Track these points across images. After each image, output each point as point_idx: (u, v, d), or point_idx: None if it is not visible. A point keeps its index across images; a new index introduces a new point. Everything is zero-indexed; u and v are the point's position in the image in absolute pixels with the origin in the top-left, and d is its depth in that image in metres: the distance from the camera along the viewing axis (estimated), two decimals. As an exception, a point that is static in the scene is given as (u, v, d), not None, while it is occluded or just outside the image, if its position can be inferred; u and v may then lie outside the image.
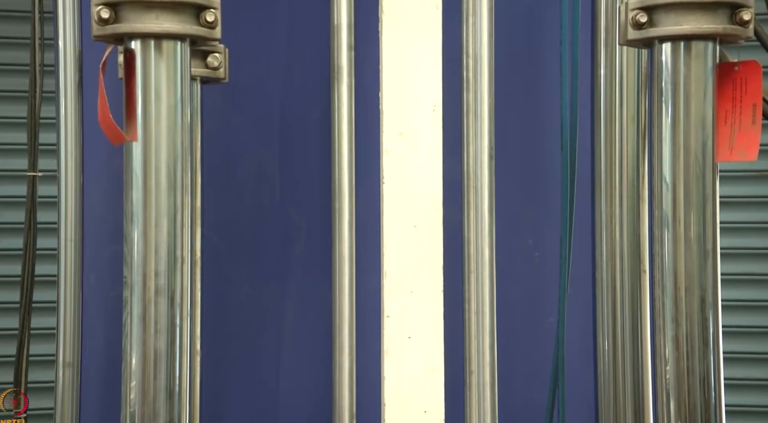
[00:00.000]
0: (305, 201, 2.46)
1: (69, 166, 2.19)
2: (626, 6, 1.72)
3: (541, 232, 2.47)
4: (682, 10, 1.66)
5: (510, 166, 2.40)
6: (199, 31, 1.70)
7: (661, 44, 1.70)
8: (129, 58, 1.69)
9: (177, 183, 1.70)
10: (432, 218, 2.03)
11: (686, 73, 1.68)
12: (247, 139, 2.47)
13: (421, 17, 2.05)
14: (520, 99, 2.46)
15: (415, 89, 2.04)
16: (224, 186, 2.45)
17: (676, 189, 1.69)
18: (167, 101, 1.69)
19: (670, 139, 1.70)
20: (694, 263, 1.67)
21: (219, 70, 2.19)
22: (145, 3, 1.66)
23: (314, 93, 2.43)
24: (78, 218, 2.20)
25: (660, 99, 1.71)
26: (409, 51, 2.05)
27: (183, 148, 1.71)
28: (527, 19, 2.46)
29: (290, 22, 2.46)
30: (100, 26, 1.67)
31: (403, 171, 2.03)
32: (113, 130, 1.67)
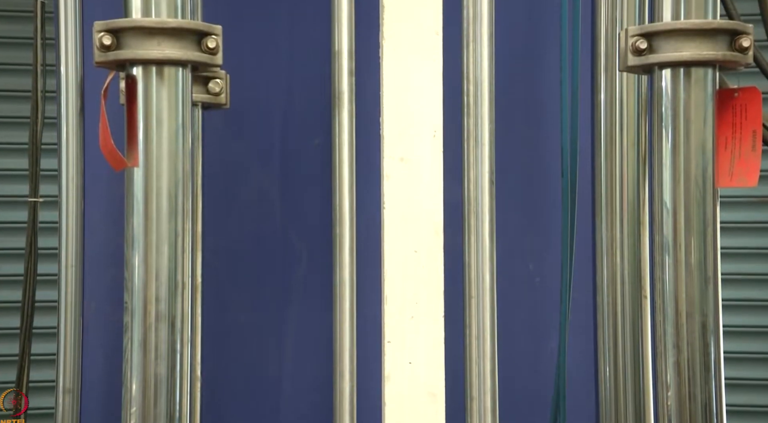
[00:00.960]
0: (306, 226, 2.46)
1: (70, 191, 2.19)
2: (626, 32, 1.72)
3: (541, 256, 2.46)
4: (682, 37, 1.67)
5: (511, 191, 2.40)
6: (200, 57, 1.71)
7: (661, 70, 1.70)
8: (130, 84, 1.69)
9: (178, 208, 1.70)
10: (433, 243, 2.03)
11: (686, 99, 1.69)
12: (248, 165, 2.47)
13: (422, 43, 2.06)
14: (521, 124, 2.46)
15: (416, 115, 2.05)
16: (225, 211, 2.45)
17: (676, 214, 1.69)
18: (168, 127, 1.69)
19: (671, 164, 1.70)
20: (695, 289, 1.67)
21: (220, 96, 2.20)
22: (146, 29, 1.67)
23: (315, 118, 2.43)
24: (79, 244, 2.20)
25: (660, 124, 1.71)
26: (410, 77, 2.05)
27: (184, 173, 1.71)
28: (527, 45, 2.47)
29: (291, 47, 2.47)
30: (101, 52, 1.68)
31: (403, 196, 2.03)
32: (115, 156, 1.67)
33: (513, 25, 2.42)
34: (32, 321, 2.58)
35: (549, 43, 2.39)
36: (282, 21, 2.46)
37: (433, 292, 2.02)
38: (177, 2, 1.70)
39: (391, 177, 2.03)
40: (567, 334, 2.15)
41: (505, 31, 2.29)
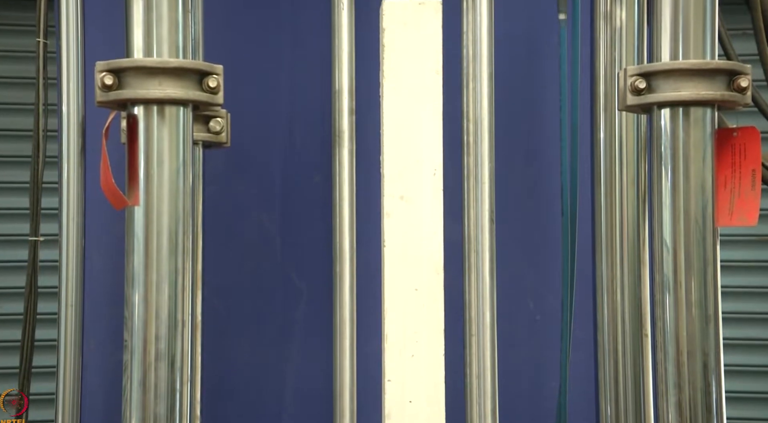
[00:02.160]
0: (306, 264, 2.46)
1: (71, 230, 2.18)
2: (625, 72, 1.73)
3: (542, 295, 2.46)
4: (681, 77, 1.68)
5: (511, 229, 2.40)
6: (201, 96, 1.72)
7: (660, 110, 1.71)
8: (132, 123, 1.70)
9: (178, 247, 1.70)
10: (433, 281, 2.02)
11: (685, 138, 1.69)
12: (248, 203, 2.47)
13: (422, 82, 2.06)
14: (521, 163, 2.47)
15: (416, 153, 2.05)
16: (225, 249, 2.45)
17: (676, 253, 1.69)
18: (169, 166, 1.70)
19: (670, 203, 1.70)
20: (695, 327, 1.66)
21: (221, 135, 2.20)
22: (148, 69, 1.68)
23: (315, 157, 2.44)
24: (79, 282, 2.20)
25: (659, 163, 1.72)
26: (410, 115, 2.06)
27: (185, 212, 1.71)
28: (527, 84, 2.48)
29: (291, 86, 2.48)
30: (103, 92, 1.69)
31: (404, 234, 2.03)
32: (116, 195, 1.67)
33: (512, 64, 2.43)
34: (32, 360, 2.56)
35: (548, 82, 2.40)
36: (283, 60, 2.47)
37: (434, 331, 2.01)
38: (178, 42, 1.71)
39: (392, 215, 2.03)
40: (568, 372, 2.14)
41: (505, 71, 2.30)
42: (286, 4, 2.48)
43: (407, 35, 2.06)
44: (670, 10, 1.70)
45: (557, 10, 2.18)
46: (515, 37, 2.44)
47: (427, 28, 2.06)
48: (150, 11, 1.69)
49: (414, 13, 2.07)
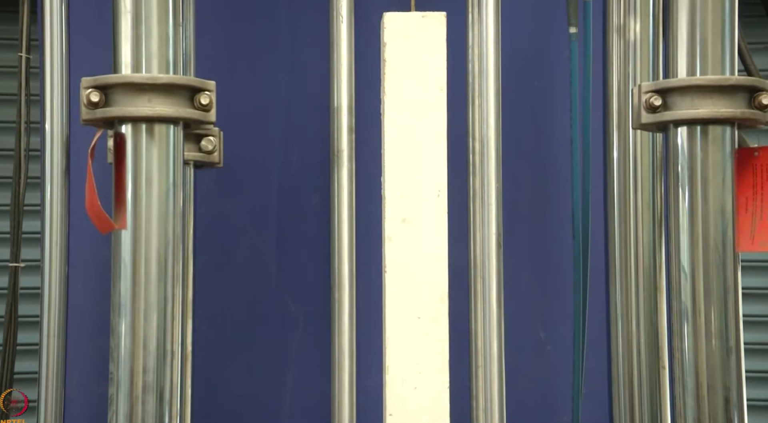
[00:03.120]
0: (303, 290, 2.46)
1: (53, 255, 2.18)
2: (639, 89, 1.73)
3: (552, 324, 2.45)
4: (699, 94, 1.68)
5: (519, 254, 2.40)
6: (193, 114, 1.72)
7: (677, 128, 1.71)
8: (119, 142, 1.69)
9: (168, 273, 1.69)
10: (437, 309, 2.02)
11: (703, 158, 1.69)
12: (242, 226, 2.47)
13: (425, 99, 2.07)
14: (529, 184, 2.47)
15: (419, 173, 2.06)
16: (217, 275, 2.45)
17: (695, 280, 1.68)
18: (159, 187, 1.69)
19: (688, 227, 1.69)
20: (716, 359, 1.66)
21: (213, 154, 2.20)
22: (136, 85, 1.68)
23: (313, 177, 2.44)
24: (62, 311, 2.19)
25: (676, 185, 1.71)
26: (413, 134, 2.06)
27: (175, 236, 1.70)
28: (536, 101, 2.48)
29: (288, 103, 2.49)
30: (89, 110, 1.68)
31: (406, 259, 2.03)
32: (102, 218, 1.66)
33: (520, 80, 2.43)
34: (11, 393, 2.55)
35: (559, 98, 2.41)
36: (279, 76, 2.48)
37: (438, 362, 2.00)
38: (169, 57, 1.71)
39: (393, 239, 2.04)
40: (581, 406, 2.13)
41: (513, 86, 2.31)
42: (282, 17, 2.49)
43: (410, 49, 2.07)
44: (687, 23, 1.70)
45: (568, 22, 2.18)
46: (523, 51, 2.45)
47: (430, 41, 2.07)
48: (139, 25, 1.70)
49: (417, 26, 2.07)
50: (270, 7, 2.49)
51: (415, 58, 2.07)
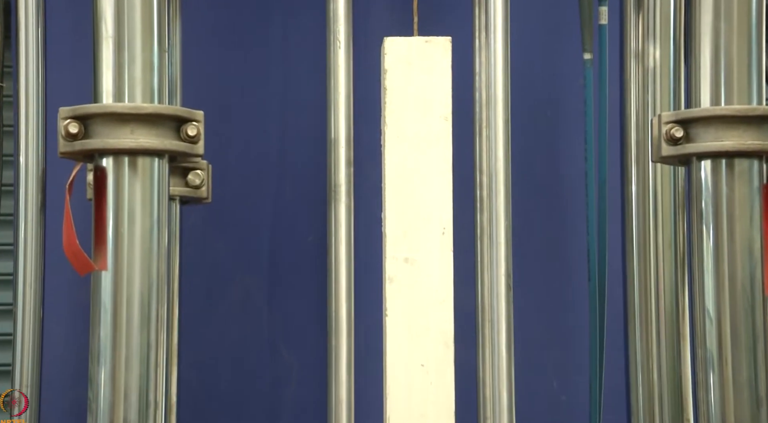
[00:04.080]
0: (297, 336, 2.45)
1: (27, 299, 2.17)
2: (659, 119, 1.73)
3: (567, 372, 2.45)
4: (723, 125, 1.68)
5: (530, 296, 2.39)
6: (179, 146, 1.72)
7: (700, 162, 1.71)
8: (99, 176, 1.69)
9: (151, 317, 1.69)
10: (442, 356, 2.01)
11: (729, 193, 1.69)
12: (231, 266, 2.47)
13: (429, 129, 2.07)
14: (541, 221, 2.47)
15: (423, 210, 2.06)
16: (205, 319, 2.44)
17: (721, 325, 1.67)
18: (142, 225, 1.69)
19: (713, 267, 1.69)
20: (745, 412, 1.65)
21: (201, 189, 2.20)
22: (118, 116, 1.67)
23: (308, 213, 2.44)
24: (36, 359, 2.18)
25: (700, 222, 1.71)
26: (416, 167, 2.06)
27: (159, 277, 1.70)
28: (547, 133, 2.49)
29: (282, 134, 2.49)
30: (67, 142, 1.68)
31: (408, 302, 2.03)
32: (80, 259, 1.66)
33: (531, 109, 2.44)
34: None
35: (573, 129, 2.41)
36: (272, 105, 2.49)
37: (443, 413, 2.00)
38: (153, 85, 1.71)
39: (395, 280, 2.03)
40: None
41: (522, 117, 2.31)
42: (275, 42, 2.50)
43: (412, 76, 2.08)
44: (710, 49, 1.71)
45: (582, 48, 2.19)
46: (534, 78, 2.46)
47: (434, 68, 2.07)
48: (121, 51, 1.70)
49: (420, 51, 2.08)
50: (262, 32, 2.50)
51: (418, 86, 2.08)
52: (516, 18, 2.13)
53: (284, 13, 2.52)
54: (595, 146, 2.19)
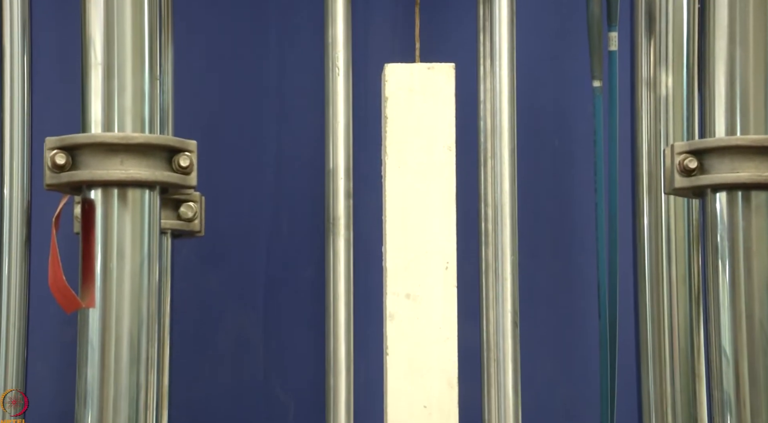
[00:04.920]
0: (294, 376, 2.45)
1: (11, 337, 2.16)
2: (672, 149, 1.73)
3: (578, 414, 2.44)
4: (739, 155, 1.67)
5: (538, 334, 2.39)
6: (171, 177, 1.71)
7: (715, 194, 1.70)
8: (88, 209, 1.69)
9: (141, 357, 1.68)
10: (445, 397, 2.01)
11: (746, 227, 1.68)
12: (225, 302, 2.47)
13: (432, 159, 2.07)
14: (549, 255, 2.47)
15: (425, 243, 2.06)
16: (197, 359, 2.44)
17: (738, 365, 1.66)
18: (132, 259, 1.69)
19: (730, 304, 1.68)
20: (764, 457, 1.64)
21: (193, 222, 2.20)
22: (108, 146, 1.67)
23: (305, 247, 2.44)
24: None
25: (715, 257, 1.70)
26: (418, 198, 2.06)
27: (149, 314, 1.69)
28: (555, 163, 2.49)
29: (277, 164, 2.49)
30: (54, 173, 1.68)
31: (410, 339, 2.02)
32: (67, 296, 1.66)
33: (538, 138, 2.44)
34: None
35: (582, 159, 2.42)
36: (267, 134, 2.49)
37: (447, 457, 1.99)
38: (144, 114, 1.71)
39: (396, 317, 2.03)
40: None
41: (530, 146, 2.31)
42: (271, 68, 2.51)
43: (414, 104, 2.08)
44: (725, 76, 1.71)
45: (591, 75, 2.19)
46: (541, 106, 2.46)
47: (437, 96, 2.08)
48: (111, 78, 1.70)
49: (422, 78, 2.08)
50: (257, 59, 2.51)
51: (420, 115, 2.08)
52: (522, 44, 2.13)
53: (280, 39, 2.52)
54: (606, 177, 2.19)
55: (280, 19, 2.53)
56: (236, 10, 2.54)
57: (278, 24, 2.54)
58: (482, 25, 2.19)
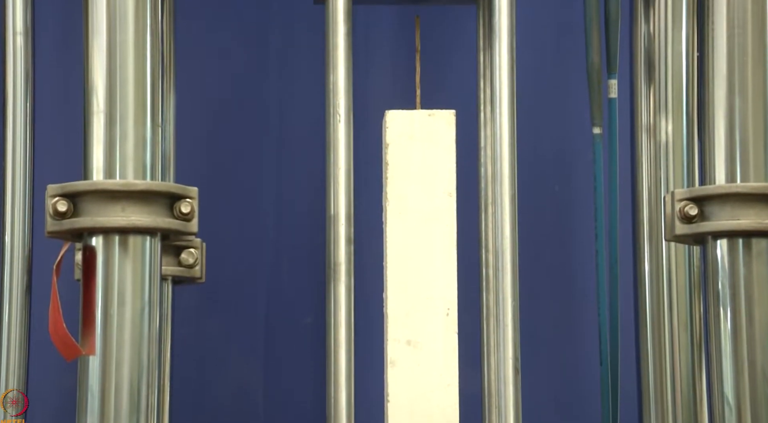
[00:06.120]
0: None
1: (11, 386, 2.15)
2: (672, 196, 1.73)
3: (579, 462, 2.43)
4: (740, 203, 1.68)
5: (539, 381, 2.38)
6: (172, 224, 1.72)
7: (716, 241, 1.71)
8: (89, 256, 1.69)
9: (141, 404, 1.68)
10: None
11: (747, 274, 1.68)
12: (225, 350, 2.47)
13: (432, 206, 2.07)
14: (550, 301, 2.46)
15: (426, 289, 2.05)
16: (197, 407, 2.43)
17: (741, 413, 1.66)
18: (133, 306, 1.69)
19: (732, 351, 1.68)
20: None
21: (194, 268, 2.20)
22: (109, 193, 1.68)
23: (306, 293, 2.44)
24: (18, 448, 2.17)
25: (717, 304, 1.70)
26: (419, 244, 2.06)
27: (150, 361, 1.69)
28: (556, 209, 2.49)
29: (278, 210, 2.50)
30: (55, 220, 1.68)
31: (411, 386, 2.01)
32: (67, 343, 1.65)
33: (539, 184, 2.45)
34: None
35: (582, 205, 2.41)
36: (267, 181, 2.49)
37: None
38: (146, 161, 1.72)
39: (397, 363, 2.02)
40: None
41: (530, 192, 2.31)
42: (272, 114, 2.52)
43: (415, 151, 2.08)
44: (725, 124, 1.71)
45: (591, 122, 2.20)
46: (542, 153, 2.47)
47: (438, 142, 2.08)
48: (113, 126, 1.71)
49: (423, 125, 2.08)
50: (259, 106, 2.52)
51: (421, 161, 2.08)
52: (522, 90, 2.14)
53: (281, 85, 2.53)
54: (606, 223, 2.19)
55: (281, 65, 2.55)
56: (237, 57, 2.56)
57: (279, 70, 2.55)
58: (482, 72, 2.20)
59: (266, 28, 2.58)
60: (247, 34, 2.58)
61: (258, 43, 2.58)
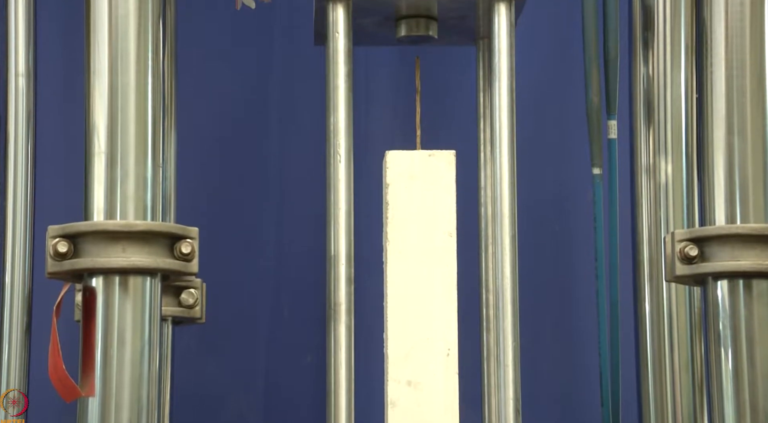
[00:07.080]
0: (294, 464, 2.43)
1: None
2: (672, 237, 1.73)
3: None
4: (740, 244, 1.68)
5: (541, 422, 2.36)
6: (172, 264, 1.72)
7: (716, 282, 1.71)
8: (89, 297, 1.69)
9: (141, 446, 1.66)
10: (447, 486, 1.98)
11: (748, 315, 1.68)
12: (225, 389, 2.46)
13: (433, 246, 2.07)
14: (551, 342, 2.46)
15: (426, 330, 2.04)
16: (198, 447, 2.42)
17: (743, 455, 1.65)
18: (132, 347, 1.69)
19: (733, 393, 1.68)
20: None
21: (194, 309, 2.20)
22: (110, 234, 1.68)
23: (306, 333, 2.44)
24: (17, 492, 2.15)
25: (718, 345, 1.70)
26: (419, 285, 2.06)
27: (149, 402, 1.69)
28: (556, 250, 2.49)
29: (278, 251, 2.50)
30: (56, 261, 1.68)
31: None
32: (66, 385, 1.65)
33: (539, 225, 2.45)
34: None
35: (582, 246, 2.41)
36: (268, 222, 2.49)
37: None
38: (147, 201, 1.72)
39: (397, 404, 2.01)
40: None
41: (531, 232, 2.31)
42: (273, 155, 2.52)
43: (415, 191, 2.08)
44: (724, 165, 1.72)
45: (591, 163, 2.20)
46: (542, 193, 2.47)
47: (438, 183, 2.08)
48: (114, 166, 1.71)
49: (423, 165, 2.09)
50: (259, 146, 2.52)
51: (421, 201, 2.08)
52: (522, 130, 2.14)
53: (281, 125, 2.54)
54: (606, 264, 2.19)
55: (282, 105, 2.56)
56: (237, 97, 2.57)
57: (279, 111, 2.56)
58: (483, 113, 2.21)
59: (267, 69, 2.59)
60: (247, 74, 2.59)
61: (259, 83, 2.59)
